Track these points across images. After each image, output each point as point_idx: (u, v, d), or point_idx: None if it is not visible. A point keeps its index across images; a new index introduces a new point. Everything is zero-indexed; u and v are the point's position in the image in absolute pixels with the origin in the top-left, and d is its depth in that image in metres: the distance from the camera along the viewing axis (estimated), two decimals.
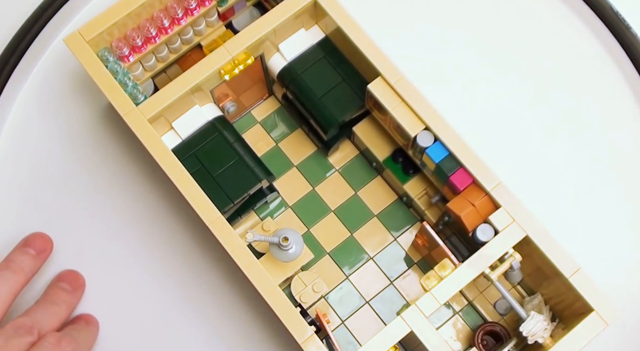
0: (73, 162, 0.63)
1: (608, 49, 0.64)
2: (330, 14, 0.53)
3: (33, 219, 0.62)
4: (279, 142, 0.64)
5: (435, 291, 0.48)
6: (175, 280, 0.60)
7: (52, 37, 0.67)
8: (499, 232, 0.49)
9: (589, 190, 0.60)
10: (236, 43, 0.53)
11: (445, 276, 0.48)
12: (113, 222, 0.62)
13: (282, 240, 0.52)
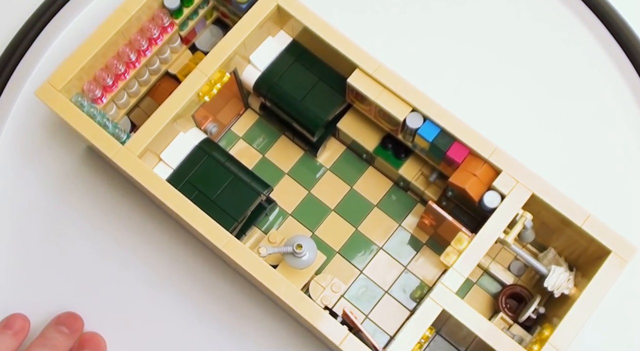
0: (62, 211, 0.63)
1: (608, 49, 0.64)
2: (294, 16, 0.54)
3: (32, 276, 0.61)
4: (265, 153, 0.64)
5: (458, 266, 0.49)
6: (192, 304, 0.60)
7: (19, 86, 0.65)
8: (506, 195, 0.49)
9: (589, 191, 0.61)
10: (209, 63, 0.53)
11: (463, 249, 0.49)
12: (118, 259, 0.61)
13: (296, 248, 0.52)
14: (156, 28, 0.57)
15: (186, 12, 0.58)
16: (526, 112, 0.63)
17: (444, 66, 0.65)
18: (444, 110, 0.51)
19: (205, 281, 0.61)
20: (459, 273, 0.49)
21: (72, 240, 0.62)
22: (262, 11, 0.54)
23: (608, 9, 0.64)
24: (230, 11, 0.60)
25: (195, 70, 0.53)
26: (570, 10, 0.66)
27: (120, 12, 0.54)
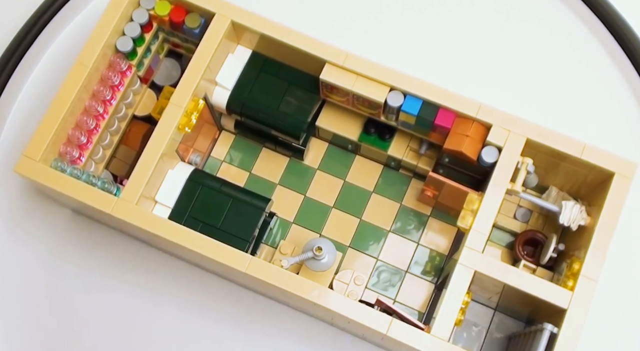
0: (62, 276, 0.61)
1: (608, 49, 0.65)
2: (251, 27, 0.54)
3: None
4: (252, 169, 0.64)
5: (476, 226, 0.50)
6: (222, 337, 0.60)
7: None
8: (502, 147, 0.51)
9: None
10: (181, 94, 0.53)
11: (477, 209, 0.50)
12: (138, 307, 0.60)
13: (316, 251, 0.53)
14: (115, 75, 0.56)
15: (140, 52, 0.58)
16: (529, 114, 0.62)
17: (420, 44, 0.65)
18: (421, 81, 0.52)
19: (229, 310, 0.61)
20: (480, 232, 0.50)
21: (75, 306, 0.61)
22: (218, 31, 0.53)
23: (608, 9, 0.64)
24: (182, 39, 0.59)
25: (170, 105, 0.53)
26: (570, 10, 0.66)
27: (78, 66, 0.53)
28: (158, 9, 0.56)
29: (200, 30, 0.56)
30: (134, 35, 0.56)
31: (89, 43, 0.54)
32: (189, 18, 0.56)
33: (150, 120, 0.63)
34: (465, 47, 0.66)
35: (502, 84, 0.64)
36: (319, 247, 0.52)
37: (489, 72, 0.64)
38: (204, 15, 0.55)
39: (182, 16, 0.56)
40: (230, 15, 0.54)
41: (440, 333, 0.48)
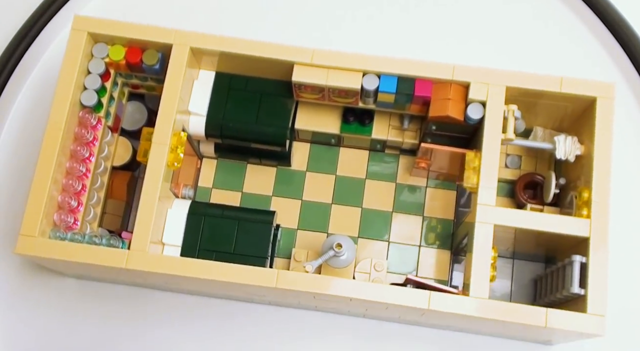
0: (79, 341, 0.60)
1: (608, 49, 0.65)
2: (209, 48, 0.53)
3: None
4: (243, 189, 0.64)
5: (483, 182, 0.51)
6: None
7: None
8: (485, 101, 0.52)
9: None
10: (161, 132, 0.52)
11: (479, 166, 0.51)
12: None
13: (336, 247, 0.53)
14: (88, 131, 0.55)
15: (105, 102, 0.57)
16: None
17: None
18: (392, 59, 0.53)
19: (263, 330, 0.60)
20: (488, 187, 0.50)
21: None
22: (180, 61, 0.53)
23: (608, 9, 0.64)
24: (142, 79, 0.59)
25: (153, 145, 0.52)
26: (570, 9, 0.66)
27: (50, 131, 0.52)
28: (112, 55, 0.55)
29: (160, 65, 0.55)
30: (95, 87, 0.55)
31: (55, 104, 0.53)
32: (146, 56, 0.55)
33: (129, 167, 0.62)
34: (460, 46, 0.66)
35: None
36: (339, 243, 0.53)
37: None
38: (161, 49, 0.55)
39: (138, 56, 0.55)
40: (188, 42, 0.53)
41: (479, 293, 0.49)
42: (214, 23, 0.65)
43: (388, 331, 0.60)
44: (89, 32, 0.54)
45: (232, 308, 0.61)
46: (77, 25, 0.54)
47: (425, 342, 0.60)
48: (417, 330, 0.60)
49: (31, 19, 0.65)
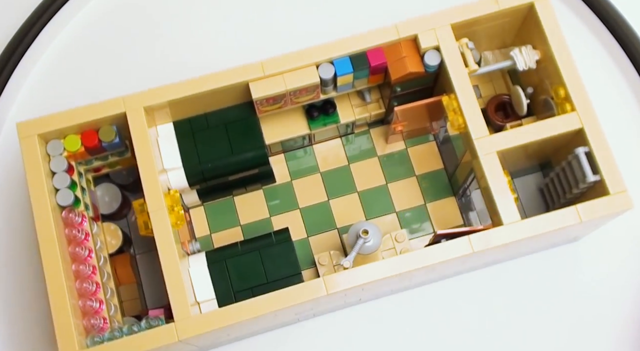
0: None
1: (608, 49, 0.65)
2: (161, 102, 0.52)
3: None
4: (240, 223, 0.63)
5: (469, 118, 0.52)
6: None
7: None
8: (438, 46, 0.53)
9: None
10: (153, 199, 0.51)
11: (457, 105, 0.52)
12: None
13: (363, 234, 0.53)
14: (77, 230, 0.53)
15: (80, 195, 0.55)
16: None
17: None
18: (336, 42, 0.53)
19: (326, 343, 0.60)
20: (476, 121, 0.52)
21: None
22: (140, 124, 0.52)
23: (608, 9, 0.64)
24: (103, 159, 0.57)
25: (152, 214, 0.51)
26: (570, 10, 0.66)
27: (45, 244, 0.50)
28: (69, 147, 0.54)
29: (119, 137, 0.54)
30: (66, 185, 0.53)
31: (38, 217, 0.51)
32: (102, 134, 0.54)
33: (121, 249, 0.61)
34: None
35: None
36: (365, 230, 0.53)
37: None
38: (114, 121, 0.53)
39: (94, 137, 0.54)
40: (139, 103, 0.52)
41: (512, 218, 0.50)
42: (143, 78, 0.64)
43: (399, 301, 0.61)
44: (38, 135, 0.52)
45: (284, 333, 0.60)
46: (24, 132, 0.52)
47: (465, 289, 0.61)
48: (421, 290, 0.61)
49: (31, 19, 0.64)
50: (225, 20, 0.68)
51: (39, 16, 0.65)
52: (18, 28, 0.65)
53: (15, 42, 0.65)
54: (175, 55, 0.66)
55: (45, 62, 0.67)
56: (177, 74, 0.57)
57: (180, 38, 0.67)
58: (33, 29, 0.65)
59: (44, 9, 0.65)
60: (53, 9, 0.66)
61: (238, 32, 0.67)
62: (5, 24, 0.66)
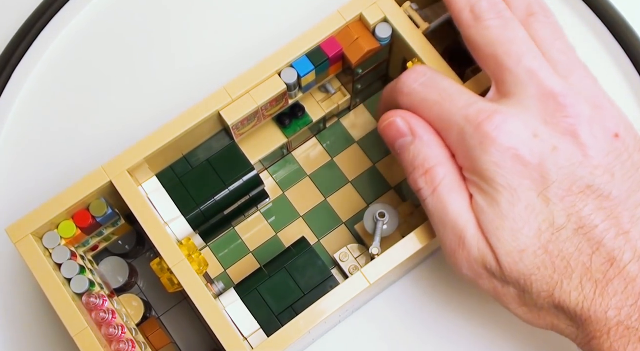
0: None
1: (608, 49, 0.64)
2: (138, 162, 0.52)
3: None
4: (251, 250, 0.62)
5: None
6: None
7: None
8: (386, 16, 0.53)
9: None
10: (170, 254, 0.50)
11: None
12: None
13: (380, 217, 0.53)
14: (103, 311, 0.52)
15: (92, 277, 0.54)
16: None
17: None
18: (288, 46, 0.53)
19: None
20: (446, 72, 0.53)
21: None
22: (129, 187, 0.51)
23: (608, 9, 0.63)
24: (97, 235, 0.56)
25: (175, 269, 0.50)
26: (570, 9, 0.65)
27: (79, 337, 0.48)
28: (65, 234, 0.52)
29: (110, 208, 0.53)
30: (76, 272, 0.52)
31: (63, 314, 0.49)
32: (94, 209, 0.52)
33: (146, 317, 0.59)
34: None
35: None
36: (381, 213, 0.53)
37: None
38: (102, 194, 0.52)
39: (87, 217, 0.52)
40: (121, 168, 0.51)
41: None
42: (109, 141, 0.63)
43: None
44: (31, 233, 0.50)
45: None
46: (16, 236, 0.50)
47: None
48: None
49: (31, 19, 0.64)
50: (178, 54, 0.67)
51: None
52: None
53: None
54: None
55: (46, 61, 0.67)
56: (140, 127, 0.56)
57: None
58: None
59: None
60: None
61: (189, 64, 0.67)
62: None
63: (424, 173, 0.47)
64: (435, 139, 0.47)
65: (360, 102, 0.64)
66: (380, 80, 0.62)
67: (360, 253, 0.59)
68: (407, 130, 0.48)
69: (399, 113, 0.48)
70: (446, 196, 0.46)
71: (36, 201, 0.52)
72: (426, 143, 0.47)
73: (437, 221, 0.48)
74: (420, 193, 0.48)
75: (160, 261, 0.51)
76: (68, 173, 0.62)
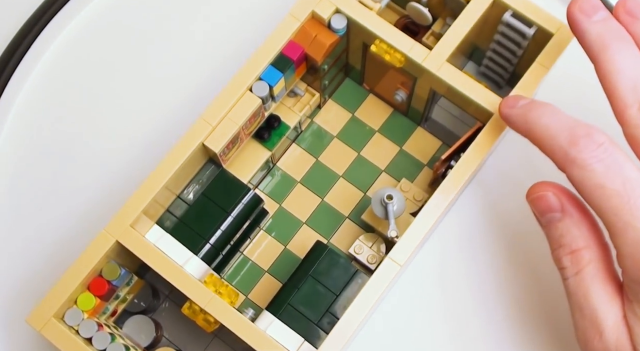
0: None
1: None
2: (136, 214, 0.51)
3: None
4: (266, 269, 0.62)
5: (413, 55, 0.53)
6: None
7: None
8: (337, 7, 0.53)
9: None
10: (198, 295, 0.50)
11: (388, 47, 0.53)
12: None
13: (388, 199, 0.54)
14: None
15: (123, 342, 0.52)
16: None
17: None
18: (251, 59, 0.53)
19: None
20: (414, 48, 0.53)
21: None
22: (141, 244, 0.50)
23: (608, 9, 0.62)
24: (115, 298, 0.55)
25: (208, 308, 0.49)
26: None
27: None
28: (85, 306, 0.51)
29: (123, 269, 0.52)
30: (108, 342, 0.51)
31: None
32: (107, 274, 0.51)
33: None
34: None
35: None
36: (388, 195, 0.53)
37: None
38: (110, 256, 0.51)
39: (103, 284, 0.51)
40: (124, 225, 0.50)
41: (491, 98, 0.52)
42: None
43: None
44: (52, 316, 0.49)
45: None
46: (38, 323, 0.48)
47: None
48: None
49: (32, 19, 0.64)
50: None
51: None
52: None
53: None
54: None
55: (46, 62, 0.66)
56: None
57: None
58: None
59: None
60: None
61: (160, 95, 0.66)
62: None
63: (570, 252, 0.46)
64: (587, 220, 0.46)
65: (329, 98, 0.64)
66: (342, 71, 0.63)
67: (373, 241, 0.59)
68: (559, 206, 0.46)
69: (551, 187, 0.46)
70: (589, 281, 0.45)
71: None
72: (576, 223, 0.45)
73: (575, 305, 0.46)
74: (563, 272, 0.46)
75: (190, 304, 0.50)
76: (68, 173, 0.63)
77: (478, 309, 0.60)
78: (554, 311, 0.59)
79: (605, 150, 0.44)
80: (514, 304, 0.60)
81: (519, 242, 0.61)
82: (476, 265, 0.61)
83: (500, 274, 0.60)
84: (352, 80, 0.65)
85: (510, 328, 0.59)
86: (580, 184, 0.44)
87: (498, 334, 0.59)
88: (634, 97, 0.44)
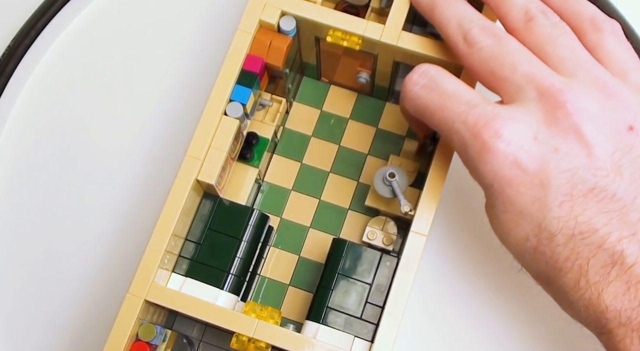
0: None
1: None
2: (151, 276, 0.50)
3: None
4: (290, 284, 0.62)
5: (369, 33, 0.53)
6: None
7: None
8: (282, 9, 0.53)
9: None
10: (242, 326, 0.49)
11: (345, 34, 0.54)
12: None
13: (390, 177, 0.54)
14: None
15: None
16: None
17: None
18: (217, 83, 0.52)
19: None
20: (372, 30, 0.53)
21: None
22: (168, 295, 0.49)
23: (608, 9, 0.61)
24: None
25: (256, 334, 0.49)
26: None
27: None
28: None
29: (159, 327, 0.51)
30: None
31: None
32: (144, 335, 0.50)
33: None
34: None
35: None
36: (390, 173, 0.54)
37: None
38: (142, 316, 0.50)
39: (143, 346, 0.50)
40: (146, 283, 0.49)
41: None
42: None
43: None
44: None
45: None
46: None
47: None
48: None
49: (32, 19, 0.63)
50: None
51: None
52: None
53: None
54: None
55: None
56: None
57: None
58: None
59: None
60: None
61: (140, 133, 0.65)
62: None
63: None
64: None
65: (293, 100, 0.64)
66: (299, 71, 0.63)
67: (381, 223, 0.60)
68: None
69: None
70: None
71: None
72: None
73: None
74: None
75: (237, 337, 0.49)
76: (68, 173, 0.62)
77: (478, 309, 0.61)
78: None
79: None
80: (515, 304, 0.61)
81: None
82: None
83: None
84: (309, 78, 0.65)
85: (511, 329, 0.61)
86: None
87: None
88: (460, 32, 0.46)
